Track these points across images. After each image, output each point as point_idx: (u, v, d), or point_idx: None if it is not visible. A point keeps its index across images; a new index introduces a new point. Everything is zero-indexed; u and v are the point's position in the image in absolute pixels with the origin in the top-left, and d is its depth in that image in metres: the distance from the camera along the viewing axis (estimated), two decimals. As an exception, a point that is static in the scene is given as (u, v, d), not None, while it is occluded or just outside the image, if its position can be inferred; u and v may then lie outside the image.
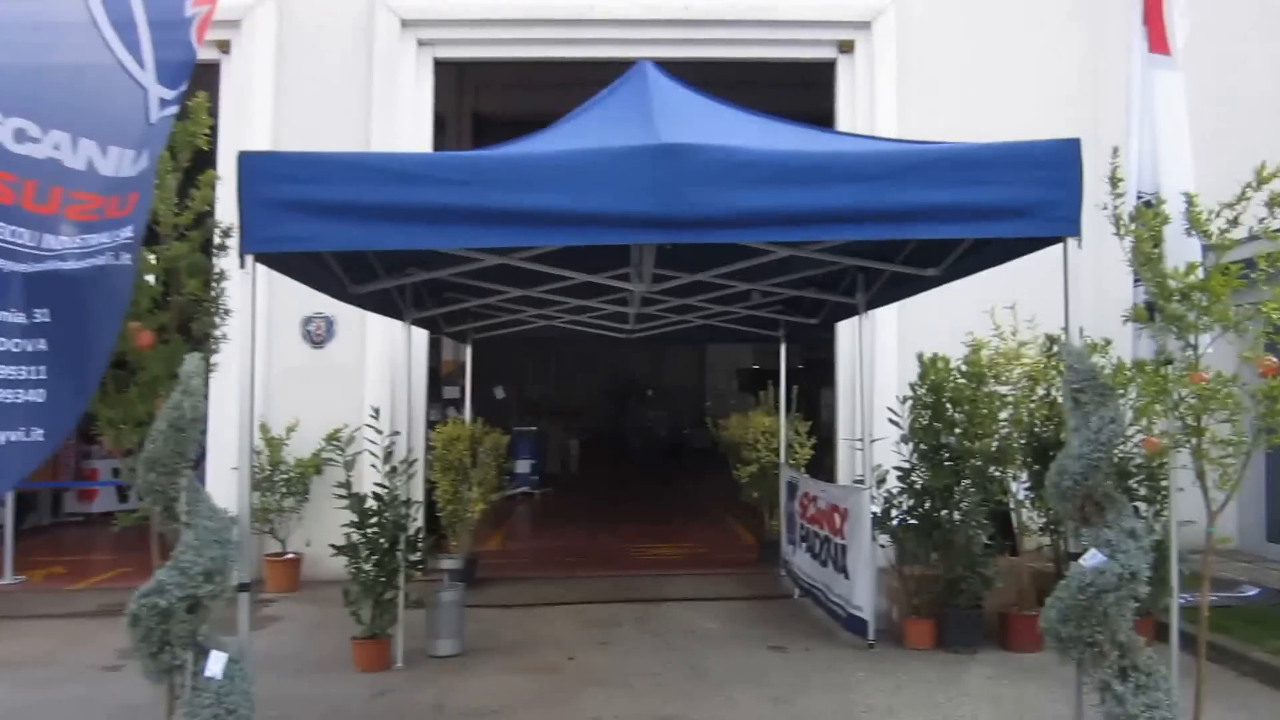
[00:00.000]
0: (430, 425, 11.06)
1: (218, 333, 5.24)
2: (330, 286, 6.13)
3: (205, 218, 5.20)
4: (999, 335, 7.70)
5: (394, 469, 7.45)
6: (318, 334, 11.16)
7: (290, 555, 10.41)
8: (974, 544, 7.15)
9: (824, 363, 11.91)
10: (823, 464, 12.37)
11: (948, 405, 7.45)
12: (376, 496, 7.37)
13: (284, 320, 11.00)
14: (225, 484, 10.57)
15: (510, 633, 8.34)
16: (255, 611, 9.48)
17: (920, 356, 7.66)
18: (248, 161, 4.27)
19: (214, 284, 5.25)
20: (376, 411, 7.73)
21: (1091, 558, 3.91)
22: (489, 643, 7.96)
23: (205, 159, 5.36)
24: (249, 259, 4.31)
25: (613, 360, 34.17)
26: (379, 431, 7.65)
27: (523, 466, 19.81)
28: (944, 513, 7.43)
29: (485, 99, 18.99)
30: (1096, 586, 3.89)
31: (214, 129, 5.40)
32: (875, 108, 11.13)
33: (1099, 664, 3.91)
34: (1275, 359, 4.34)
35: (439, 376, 20.47)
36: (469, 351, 10.78)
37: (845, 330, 11.24)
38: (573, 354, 34.70)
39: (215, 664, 3.97)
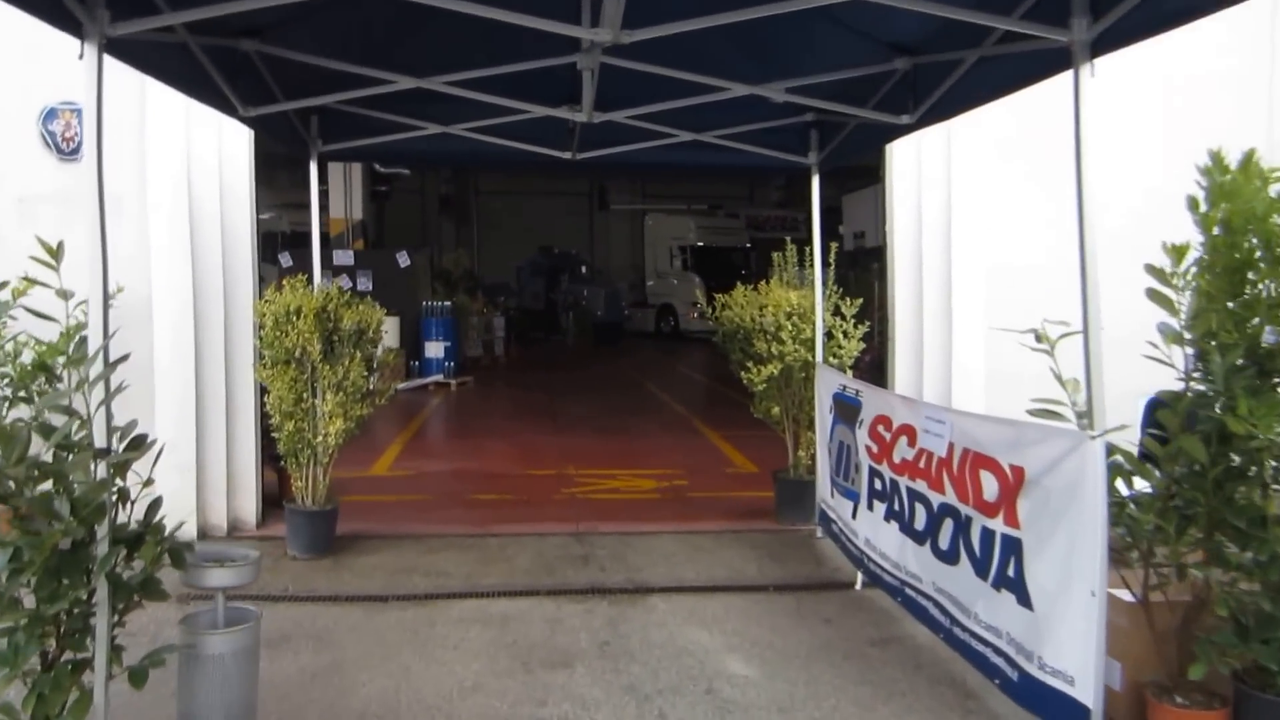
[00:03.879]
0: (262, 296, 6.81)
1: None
2: None
3: None
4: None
5: (83, 380, 3.33)
6: (68, 138, 6.75)
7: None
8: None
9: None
10: (857, 365, 8.51)
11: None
12: (46, 431, 3.25)
13: (8, 114, 6.68)
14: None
15: (364, 683, 4.38)
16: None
17: (1217, 158, 3.62)
18: None
19: None
20: (55, 250, 3.48)
21: None
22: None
23: None
24: None
25: (543, 226, 30.92)
26: (66, 296, 3.50)
27: (434, 351, 16.35)
28: (1256, 487, 3.54)
29: None
30: None
31: None
32: None
33: None
34: None
35: (327, 240, 17.36)
36: (315, 169, 6.43)
37: (902, 152, 7.29)
38: (497, 215, 31.45)
39: None
